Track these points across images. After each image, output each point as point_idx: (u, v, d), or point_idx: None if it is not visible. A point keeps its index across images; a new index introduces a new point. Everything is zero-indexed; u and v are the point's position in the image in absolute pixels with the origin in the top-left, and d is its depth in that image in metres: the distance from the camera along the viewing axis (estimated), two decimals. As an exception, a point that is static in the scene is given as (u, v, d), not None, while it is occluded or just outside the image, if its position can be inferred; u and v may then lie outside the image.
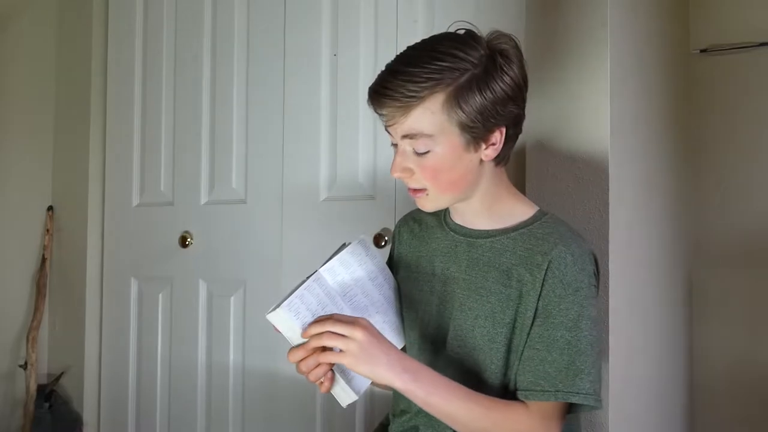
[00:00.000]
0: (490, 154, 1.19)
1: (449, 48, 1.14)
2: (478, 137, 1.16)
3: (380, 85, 1.15)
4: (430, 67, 1.12)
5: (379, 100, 1.16)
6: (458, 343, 1.25)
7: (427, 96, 1.13)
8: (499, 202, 1.26)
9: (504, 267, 1.22)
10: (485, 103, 1.14)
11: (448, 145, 1.16)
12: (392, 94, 1.13)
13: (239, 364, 2.18)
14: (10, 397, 2.57)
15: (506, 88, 1.15)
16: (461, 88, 1.13)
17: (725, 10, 1.96)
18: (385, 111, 1.16)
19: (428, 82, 1.12)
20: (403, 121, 1.15)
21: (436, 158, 1.17)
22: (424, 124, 1.15)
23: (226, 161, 2.22)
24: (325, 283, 1.20)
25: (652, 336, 1.75)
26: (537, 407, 1.18)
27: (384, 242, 1.88)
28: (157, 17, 2.40)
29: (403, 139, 1.18)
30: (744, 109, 1.94)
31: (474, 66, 1.14)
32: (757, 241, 1.91)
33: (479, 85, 1.13)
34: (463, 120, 1.14)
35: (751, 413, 1.91)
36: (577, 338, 1.16)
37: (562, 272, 1.17)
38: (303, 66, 2.06)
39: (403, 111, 1.14)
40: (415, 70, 1.13)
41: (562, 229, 1.23)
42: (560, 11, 1.54)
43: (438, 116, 1.14)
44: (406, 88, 1.12)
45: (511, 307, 1.21)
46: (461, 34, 1.18)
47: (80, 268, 2.52)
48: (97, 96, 2.53)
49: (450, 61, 1.13)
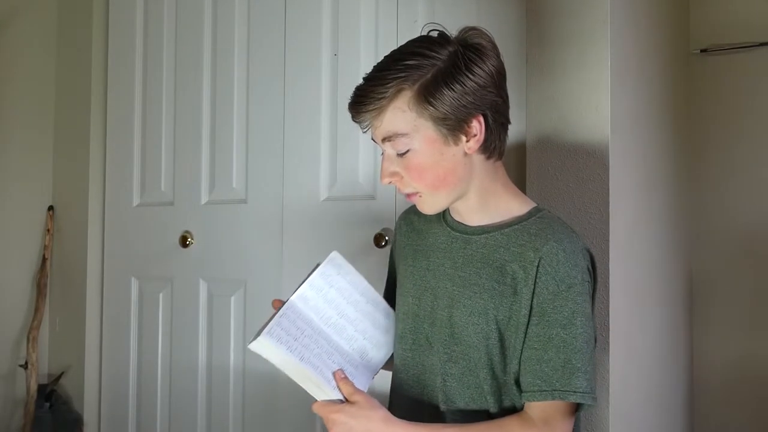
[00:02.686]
0: (472, 146, 1.20)
1: (416, 48, 1.19)
2: (454, 129, 1.18)
3: (354, 95, 1.20)
4: (396, 67, 1.17)
5: (354, 108, 1.20)
6: (454, 340, 1.25)
7: (394, 95, 1.16)
8: (495, 197, 1.27)
9: (497, 263, 1.22)
10: (454, 95, 1.16)
11: (425, 140, 1.18)
12: (363, 99, 1.18)
13: (239, 364, 2.18)
14: (11, 397, 2.57)
15: (477, 79, 1.17)
16: (427, 83, 1.16)
17: (725, 10, 1.97)
18: (361, 118, 1.20)
19: (394, 81, 1.16)
20: (379, 125, 1.19)
21: (417, 156, 1.19)
22: (397, 123, 1.17)
23: (226, 161, 2.22)
24: (299, 310, 1.25)
25: (652, 335, 1.75)
26: (538, 412, 1.18)
27: (384, 242, 1.88)
28: (158, 17, 2.40)
29: (383, 143, 1.21)
30: (744, 108, 1.95)
31: (441, 62, 1.17)
32: (758, 240, 1.92)
33: (446, 79, 1.15)
34: (433, 114, 1.16)
35: (752, 412, 1.91)
36: (572, 336, 1.16)
37: (555, 268, 1.17)
38: (303, 66, 2.06)
39: (377, 114, 1.18)
40: (382, 73, 1.17)
41: (556, 225, 1.23)
42: (561, 10, 1.54)
43: (409, 114, 1.17)
44: (374, 91, 1.17)
45: (505, 304, 1.21)
46: (431, 36, 1.21)
47: (80, 268, 2.52)
48: (98, 96, 2.53)
49: (416, 59, 1.16)
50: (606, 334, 1.47)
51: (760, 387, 1.91)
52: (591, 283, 1.24)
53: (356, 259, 1.96)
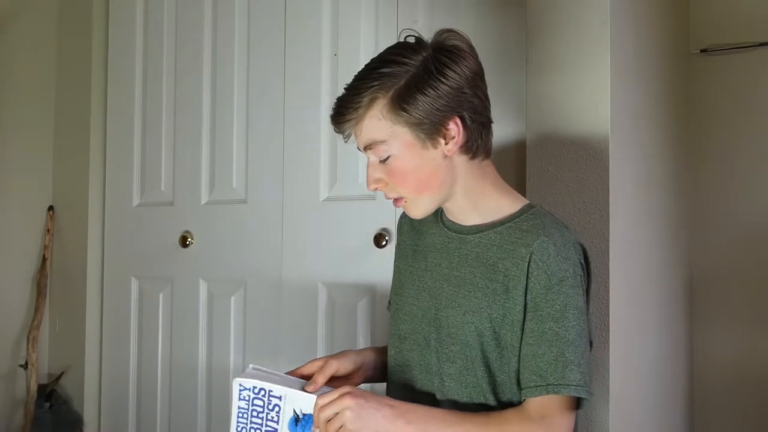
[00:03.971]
0: (451, 148, 1.20)
1: (390, 56, 1.21)
2: (431, 133, 1.19)
3: (334, 106, 1.22)
4: (370, 77, 1.19)
5: (334, 120, 1.23)
6: (451, 340, 1.25)
7: (369, 104, 1.18)
8: (484, 197, 1.27)
9: (491, 262, 1.23)
10: (427, 100, 1.17)
11: (403, 146, 1.20)
12: (342, 110, 1.20)
13: (239, 364, 2.17)
14: (11, 397, 2.57)
15: (450, 82, 1.18)
16: (401, 89, 1.17)
17: (725, 10, 1.96)
18: (342, 128, 1.22)
19: (368, 90, 1.18)
20: (359, 134, 1.22)
21: (398, 161, 1.21)
22: (375, 131, 1.19)
23: (226, 161, 2.22)
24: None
25: (652, 335, 1.75)
26: (535, 406, 1.18)
27: (384, 242, 1.88)
28: (158, 17, 2.40)
29: (366, 151, 1.23)
30: (744, 108, 1.95)
31: (414, 68, 1.18)
32: (758, 240, 1.92)
33: (418, 85, 1.17)
34: (408, 120, 1.18)
35: (752, 412, 1.91)
36: (565, 329, 1.17)
37: (546, 263, 1.18)
38: (303, 66, 2.07)
39: (355, 123, 1.20)
40: (358, 83, 1.20)
41: (547, 221, 1.24)
42: (561, 10, 1.54)
43: (384, 121, 1.19)
44: (351, 102, 1.19)
45: (498, 302, 1.21)
46: (407, 42, 1.23)
47: (80, 268, 2.52)
48: (98, 96, 2.53)
49: (390, 67, 1.18)
50: (606, 334, 1.47)
51: (760, 386, 1.91)
52: (584, 277, 1.24)
53: (356, 259, 1.98)
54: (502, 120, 1.73)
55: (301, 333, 2.05)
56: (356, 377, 1.35)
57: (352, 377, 1.34)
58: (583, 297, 1.21)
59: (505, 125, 1.71)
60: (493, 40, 1.77)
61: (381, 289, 1.86)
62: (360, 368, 1.35)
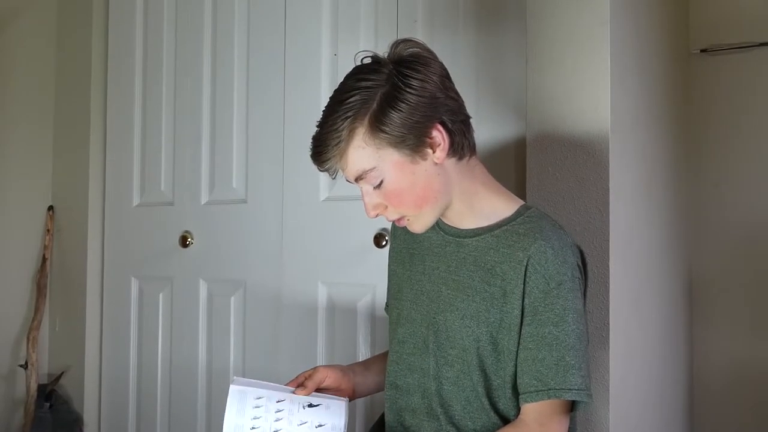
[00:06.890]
0: (440, 155, 1.19)
1: (354, 83, 1.19)
2: (416, 146, 1.17)
3: (312, 150, 1.22)
4: (342, 109, 1.17)
5: (317, 159, 1.22)
6: (449, 344, 1.25)
7: (349, 136, 1.17)
8: (477, 198, 1.26)
9: (488, 265, 1.23)
10: (403, 115, 1.15)
11: (393, 167, 1.18)
12: (322, 149, 1.19)
13: (239, 364, 2.18)
14: (11, 397, 2.57)
15: (419, 92, 1.16)
16: (375, 112, 1.16)
17: (725, 10, 1.96)
18: (326, 166, 1.22)
19: (345, 121, 1.17)
20: (345, 167, 1.20)
21: (392, 183, 1.19)
22: (362, 160, 1.18)
23: (226, 161, 2.22)
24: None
25: (652, 335, 1.75)
26: (534, 414, 1.18)
27: (384, 242, 1.88)
28: (158, 17, 2.40)
29: (357, 182, 1.22)
30: (744, 108, 1.94)
31: (380, 86, 1.16)
32: (758, 240, 1.92)
33: (390, 103, 1.15)
34: (390, 140, 1.17)
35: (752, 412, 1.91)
36: (565, 333, 1.16)
37: (544, 267, 1.17)
38: (303, 66, 2.06)
39: (339, 159, 1.19)
40: (331, 119, 1.18)
41: (544, 224, 1.23)
42: (561, 10, 1.54)
43: (368, 148, 1.17)
44: (330, 138, 1.18)
45: (496, 306, 1.21)
46: (364, 64, 1.21)
47: (80, 268, 2.52)
48: (98, 96, 2.53)
49: (358, 95, 1.17)
50: (606, 334, 1.46)
51: (760, 387, 1.91)
52: (582, 280, 1.24)
53: (356, 259, 1.98)
54: (502, 120, 1.74)
55: (301, 333, 2.05)
56: (345, 388, 1.36)
57: (342, 388, 1.36)
58: (581, 300, 1.21)
59: (505, 125, 1.71)
60: (493, 39, 1.77)
61: (381, 289, 1.86)
62: (349, 380, 1.37)
